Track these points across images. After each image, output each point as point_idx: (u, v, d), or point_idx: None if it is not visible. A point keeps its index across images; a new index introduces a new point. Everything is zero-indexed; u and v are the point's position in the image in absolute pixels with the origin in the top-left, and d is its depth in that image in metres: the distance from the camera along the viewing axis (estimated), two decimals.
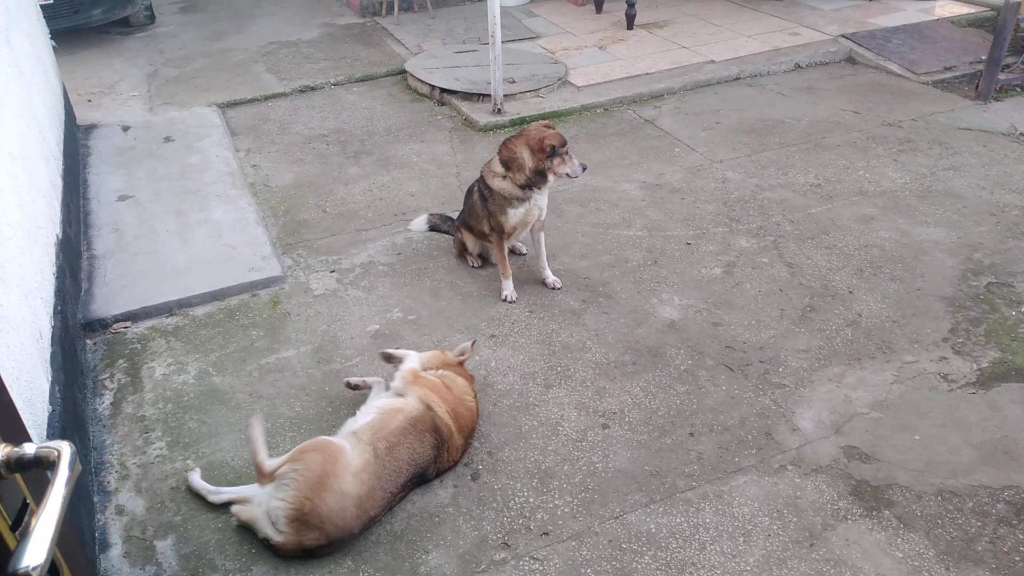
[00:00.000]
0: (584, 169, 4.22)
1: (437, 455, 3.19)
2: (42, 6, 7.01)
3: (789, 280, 4.49)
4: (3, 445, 1.19)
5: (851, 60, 7.79)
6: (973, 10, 8.65)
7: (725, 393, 3.70)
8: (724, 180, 5.62)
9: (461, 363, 3.58)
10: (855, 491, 3.16)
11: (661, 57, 7.78)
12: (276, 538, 2.88)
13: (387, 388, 3.50)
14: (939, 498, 3.11)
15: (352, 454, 2.97)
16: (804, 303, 4.30)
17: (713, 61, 7.63)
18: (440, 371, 3.48)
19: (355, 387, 3.68)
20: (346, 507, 2.88)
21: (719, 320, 4.19)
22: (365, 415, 3.23)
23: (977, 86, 6.86)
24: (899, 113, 6.57)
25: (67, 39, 8.53)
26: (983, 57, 7.15)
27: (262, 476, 2.98)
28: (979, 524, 3.00)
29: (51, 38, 6.76)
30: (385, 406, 3.24)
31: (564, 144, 4.12)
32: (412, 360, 3.50)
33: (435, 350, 3.65)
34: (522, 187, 4.19)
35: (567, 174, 4.17)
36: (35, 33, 5.94)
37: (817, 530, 3.00)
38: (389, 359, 3.63)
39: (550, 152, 4.07)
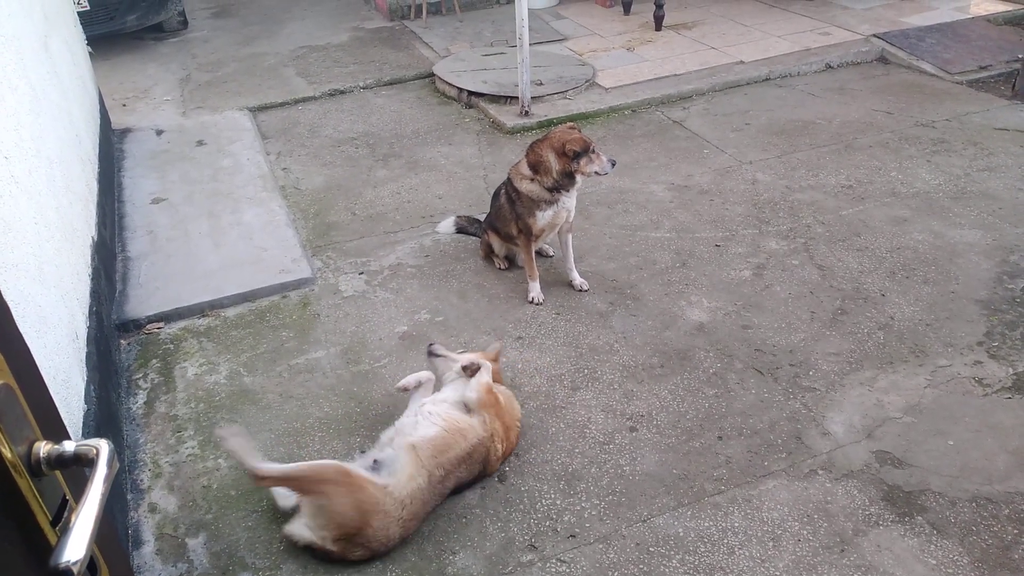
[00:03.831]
0: (614, 165, 4.19)
1: (473, 480, 3.22)
2: (79, 13, 7.15)
3: (820, 282, 4.44)
4: (44, 443, 1.22)
5: (883, 60, 7.68)
6: (1010, 8, 8.49)
7: (754, 396, 3.67)
8: (754, 181, 5.58)
9: (496, 359, 3.53)
10: (887, 496, 3.11)
11: (690, 58, 7.73)
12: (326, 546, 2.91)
13: (442, 385, 3.39)
14: (974, 504, 3.06)
15: (398, 484, 2.90)
16: (835, 306, 4.25)
17: (742, 62, 7.57)
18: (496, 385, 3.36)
19: (406, 389, 3.48)
20: (391, 532, 2.91)
21: (748, 323, 4.15)
22: (428, 423, 3.09)
23: (1014, 85, 6.73)
24: (933, 113, 6.47)
25: (103, 45, 8.68)
26: (1020, 56, 7.02)
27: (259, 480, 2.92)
28: (1015, 531, 2.94)
29: (87, 44, 6.89)
30: (452, 422, 3.11)
31: (588, 147, 4.10)
32: (487, 373, 3.28)
33: (475, 353, 3.52)
34: (550, 190, 4.19)
35: (596, 172, 4.16)
36: (72, 40, 6.06)
37: (848, 536, 2.96)
38: (434, 355, 3.47)
39: (573, 156, 4.07)
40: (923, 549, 2.89)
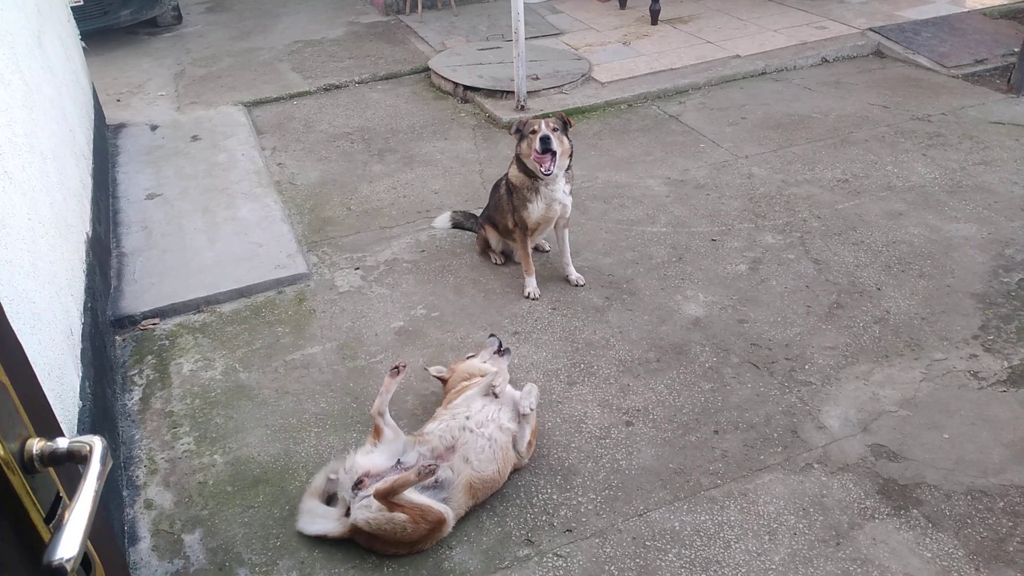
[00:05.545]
0: (544, 148, 3.94)
1: None
2: (72, 8, 7.12)
3: (816, 277, 4.44)
4: (37, 439, 1.21)
5: (879, 54, 7.68)
6: (1005, 1, 8.49)
7: (750, 390, 3.67)
8: (750, 176, 5.58)
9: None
10: (883, 490, 3.12)
11: (686, 52, 7.72)
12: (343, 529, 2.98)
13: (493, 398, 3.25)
14: (969, 497, 3.07)
15: (450, 519, 2.96)
16: (831, 300, 4.25)
17: (738, 56, 7.57)
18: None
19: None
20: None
21: (744, 317, 4.16)
22: (490, 455, 3.04)
23: (1009, 79, 6.73)
24: (928, 107, 6.47)
25: (97, 40, 8.65)
26: (1016, 49, 7.02)
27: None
28: (1010, 524, 2.95)
29: (81, 39, 6.86)
30: (505, 463, 3.10)
31: (532, 129, 4.05)
32: (533, 419, 3.27)
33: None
34: (527, 175, 4.18)
35: (530, 155, 4.05)
36: (66, 34, 6.03)
37: (844, 529, 2.97)
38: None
39: (519, 137, 4.14)
40: (918, 542, 2.90)
